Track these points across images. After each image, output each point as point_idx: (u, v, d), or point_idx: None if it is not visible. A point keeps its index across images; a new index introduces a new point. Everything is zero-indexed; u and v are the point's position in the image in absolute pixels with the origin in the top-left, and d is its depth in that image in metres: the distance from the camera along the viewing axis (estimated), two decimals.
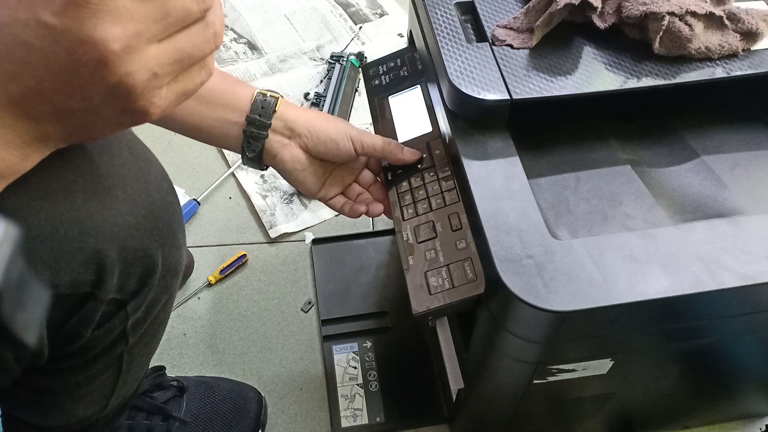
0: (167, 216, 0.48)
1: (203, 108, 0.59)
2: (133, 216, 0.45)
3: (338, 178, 0.69)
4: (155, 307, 0.52)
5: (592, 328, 0.51)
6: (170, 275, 0.51)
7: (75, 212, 0.41)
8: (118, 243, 0.44)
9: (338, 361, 0.88)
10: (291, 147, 0.63)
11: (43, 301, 0.30)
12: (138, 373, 0.61)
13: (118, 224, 0.43)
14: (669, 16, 0.58)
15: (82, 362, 0.50)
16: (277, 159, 0.63)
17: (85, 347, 0.48)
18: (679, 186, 0.59)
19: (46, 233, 0.40)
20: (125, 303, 0.48)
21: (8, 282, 0.26)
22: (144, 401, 0.76)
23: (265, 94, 0.61)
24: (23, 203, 0.39)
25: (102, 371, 0.53)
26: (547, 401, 0.66)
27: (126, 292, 0.47)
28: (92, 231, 0.42)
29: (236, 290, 0.97)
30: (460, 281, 0.54)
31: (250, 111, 0.60)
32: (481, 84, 0.58)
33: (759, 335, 0.59)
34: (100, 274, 0.43)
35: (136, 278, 0.47)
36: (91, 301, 0.45)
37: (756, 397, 0.78)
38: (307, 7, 1.46)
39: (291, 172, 0.64)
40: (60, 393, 0.54)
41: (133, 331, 0.51)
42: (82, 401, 0.56)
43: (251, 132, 0.61)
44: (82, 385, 0.54)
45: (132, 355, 0.54)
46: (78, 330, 0.46)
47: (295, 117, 0.62)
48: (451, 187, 0.60)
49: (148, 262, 0.47)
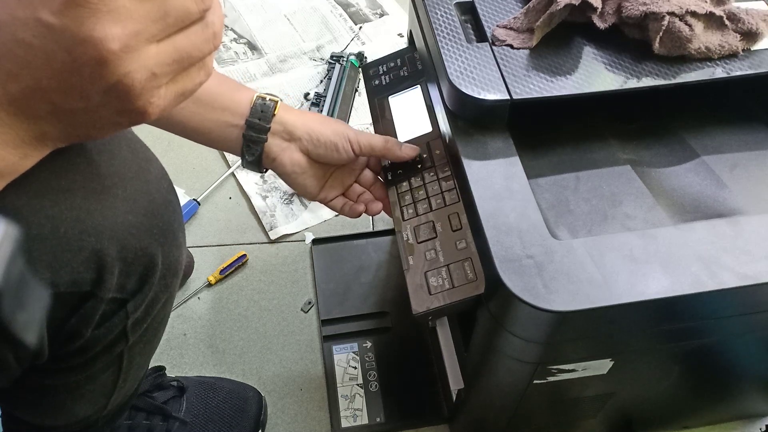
0: (167, 215, 0.48)
1: (202, 111, 0.59)
2: (133, 215, 0.45)
3: (338, 180, 0.69)
4: (155, 306, 0.52)
5: (592, 328, 0.51)
6: (170, 274, 0.51)
7: (75, 211, 0.41)
8: (118, 242, 0.44)
9: (338, 361, 0.88)
10: (290, 150, 0.63)
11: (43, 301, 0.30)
12: (138, 372, 0.61)
13: (118, 223, 0.43)
14: (669, 16, 0.58)
15: (83, 361, 0.50)
16: (277, 162, 0.63)
17: (85, 346, 0.48)
18: (679, 186, 0.59)
19: (46, 232, 0.40)
20: (125, 302, 0.48)
21: (8, 282, 0.26)
22: (144, 401, 0.76)
23: (265, 98, 0.61)
24: (23, 202, 0.39)
25: (102, 370, 0.53)
26: (547, 401, 0.66)
27: (126, 291, 0.47)
28: (92, 230, 0.42)
29: (236, 290, 0.97)
30: (460, 281, 0.54)
31: (250, 115, 0.60)
32: (481, 84, 0.58)
33: (759, 335, 0.59)
34: (100, 272, 0.44)
35: (136, 277, 0.47)
36: (91, 300, 0.45)
37: (756, 397, 0.78)
38: (307, 7, 1.46)
39: (290, 175, 0.64)
40: (60, 392, 0.54)
41: (133, 330, 0.51)
42: (83, 400, 0.56)
43: (251, 136, 0.61)
44: (82, 385, 0.54)
45: (132, 354, 0.54)
46: (78, 329, 0.46)
47: (294, 120, 0.62)
48: (451, 187, 0.60)
49: (148, 261, 0.47)
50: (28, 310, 0.28)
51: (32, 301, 0.29)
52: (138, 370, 0.60)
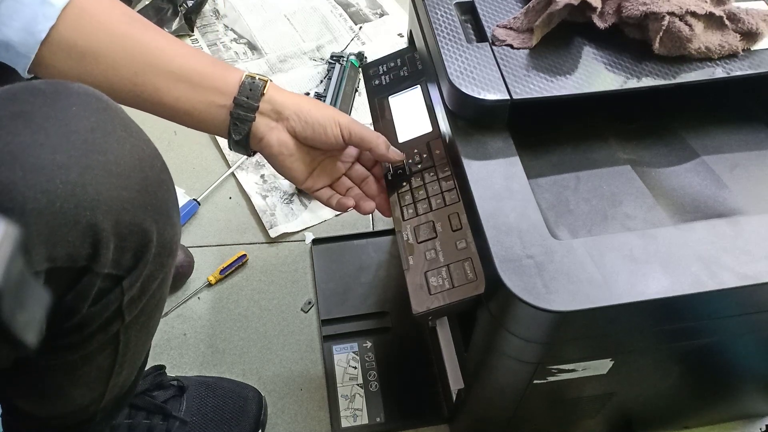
0: (161, 193, 0.49)
1: (192, 92, 0.59)
2: (127, 191, 0.45)
3: (327, 170, 0.68)
4: (150, 285, 0.52)
5: (592, 328, 0.51)
6: (165, 252, 0.51)
7: (70, 186, 0.42)
8: (112, 216, 0.44)
9: (338, 361, 0.88)
10: (278, 130, 0.62)
11: (43, 301, 0.30)
12: (135, 359, 0.61)
13: (112, 197, 0.44)
14: (669, 16, 0.58)
15: (79, 339, 0.51)
16: (264, 142, 0.62)
17: (81, 323, 0.49)
18: (679, 186, 0.59)
19: (42, 207, 0.41)
20: (121, 279, 0.48)
21: (8, 282, 0.26)
22: (144, 400, 0.76)
23: (254, 77, 0.61)
24: (18, 177, 0.40)
25: (99, 351, 0.54)
26: (547, 401, 0.66)
27: (121, 267, 0.48)
28: (87, 204, 0.43)
29: (236, 290, 0.97)
30: (460, 281, 0.54)
31: (238, 93, 0.60)
32: (481, 84, 0.58)
33: (759, 335, 0.59)
34: (95, 247, 0.44)
35: (131, 253, 0.48)
36: (87, 275, 0.45)
37: (756, 397, 0.78)
38: (307, 7, 1.46)
39: (277, 156, 0.63)
40: (58, 373, 0.54)
41: (129, 309, 0.51)
42: (80, 384, 0.57)
43: (238, 114, 0.60)
44: (80, 366, 0.54)
45: (128, 335, 0.55)
46: (74, 305, 0.47)
47: (284, 100, 0.62)
48: (451, 187, 0.60)
49: (142, 237, 0.48)
50: (28, 310, 0.28)
51: (32, 301, 0.29)
52: (134, 356, 0.60)
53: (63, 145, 0.42)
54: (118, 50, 0.55)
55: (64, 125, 0.43)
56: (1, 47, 0.52)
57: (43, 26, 0.51)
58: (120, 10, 0.56)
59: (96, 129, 0.45)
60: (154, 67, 0.56)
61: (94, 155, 0.44)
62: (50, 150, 0.42)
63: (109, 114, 0.46)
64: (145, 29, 0.57)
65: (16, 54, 0.52)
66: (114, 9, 0.56)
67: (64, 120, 0.43)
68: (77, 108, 0.44)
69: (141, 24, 0.57)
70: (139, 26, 0.57)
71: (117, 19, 0.55)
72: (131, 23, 0.56)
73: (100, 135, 0.45)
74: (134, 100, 0.57)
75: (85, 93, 0.46)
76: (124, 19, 0.56)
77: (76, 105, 0.45)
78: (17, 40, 0.51)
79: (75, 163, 0.42)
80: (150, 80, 0.56)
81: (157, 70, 0.56)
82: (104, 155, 0.44)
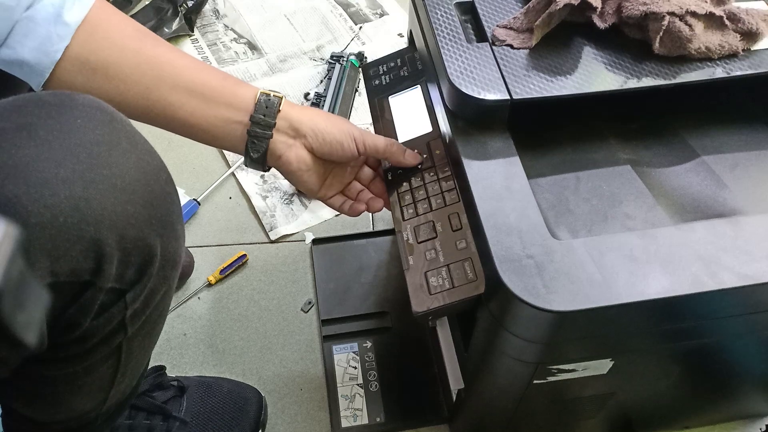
0: (166, 206, 0.49)
1: (205, 107, 0.59)
2: (131, 205, 0.45)
3: (338, 177, 0.69)
4: (154, 297, 0.52)
5: (592, 328, 0.51)
6: (169, 266, 0.51)
7: (74, 201, 0.42)
8: (117, 231, 0.44)
9: (338, 361, 0.88)
10: (296, 147, 0.63)
11: (43, 301, 0.30)
12: (137, 367, 0.61)
13: (117, 213, 0.44)
14: (669, 16, 0.58)
15: (81, 352, 0.50)
16: (282, 160, 0.63)
17: (83, 336, 0.48)
18: (679, 186, 0.59)
19: (46, 221, 0.40)
20: (124, 292, 0.48)
21: (8, 282, 0.26)
22: (144, 401, 0.76)
23: (269, 94, 0.61)
24: (22, 191, 0.40)
25: (101, 362, 0.53)
26: (547, 401, 0.66)
27: (125, 281, 0.47)
28: (91, 219, 0.42)
29: (236, 290, 0.97)
30: (460, 281, 0.54)
31: (255, 111, 0.60)
32: (481, 84, 0.58)
33: (759, 335, 0.59)
34: (99, 262, 0.44)
35: (134, 267, 0.47)
36: (90, 289, 0.45)
37: (756, 397, 0.78)
38: (307, 7, 1.46)
39: (295, 173, 0.64)
40: (59, 384, 0.54)
41: (131, 322, 0.51)
42: (81, 393, 0.56)
43: (255, 132, 0.60)
44: (81, 376, 0.54)
45: (131, 347, 0.55)
46: (77, 319, 0.46)
47: (299, 117, 0.62)
48: (451, 187, 0.60)
49: (146, 252, 0.47)
50: (28, 310, 0.28)
51: (32, 301, 0.29)
52: (137, 364, 0.60)
53: (67, 159, 0.42)
54: (129, 66, 0.55)
55: (68, 138, 0.43)
56: (16, 65, 0.52)
57: (58, 47, 0.52)
58: (132, 27, 0.57)
59: (101, 142, 0.44)
60: (165, 82, 0.57)
61: (98, 169, 0.43)
62: (54, 164, 0.41)
63: (114, 126, 0.46)
64: (155, 44, 0.57)
65: (30, 71, 0.52)
66: (126, 26, 0.56)
67: (69, 133, 0.43)
68: (82, 121, 0.44)
69: (152, 39, 0.57)
70: (149, 42, 0.57)
71: (128, 35, 0.56)
72: (142, 39, 0.56)
73: (105, 148, 0.44)
74: (147, 116, 0.58)
75: (89, 105, 0.46)
76: (136, 35, 0.56)
77: (81, 117, 0.44)
78: (32, 59, 0.52)
79: (79, 177, 0.42)
80: (162, 95, 0.57)
81: (168, 85, 0.57)
82: (109, 169, 0.44)
